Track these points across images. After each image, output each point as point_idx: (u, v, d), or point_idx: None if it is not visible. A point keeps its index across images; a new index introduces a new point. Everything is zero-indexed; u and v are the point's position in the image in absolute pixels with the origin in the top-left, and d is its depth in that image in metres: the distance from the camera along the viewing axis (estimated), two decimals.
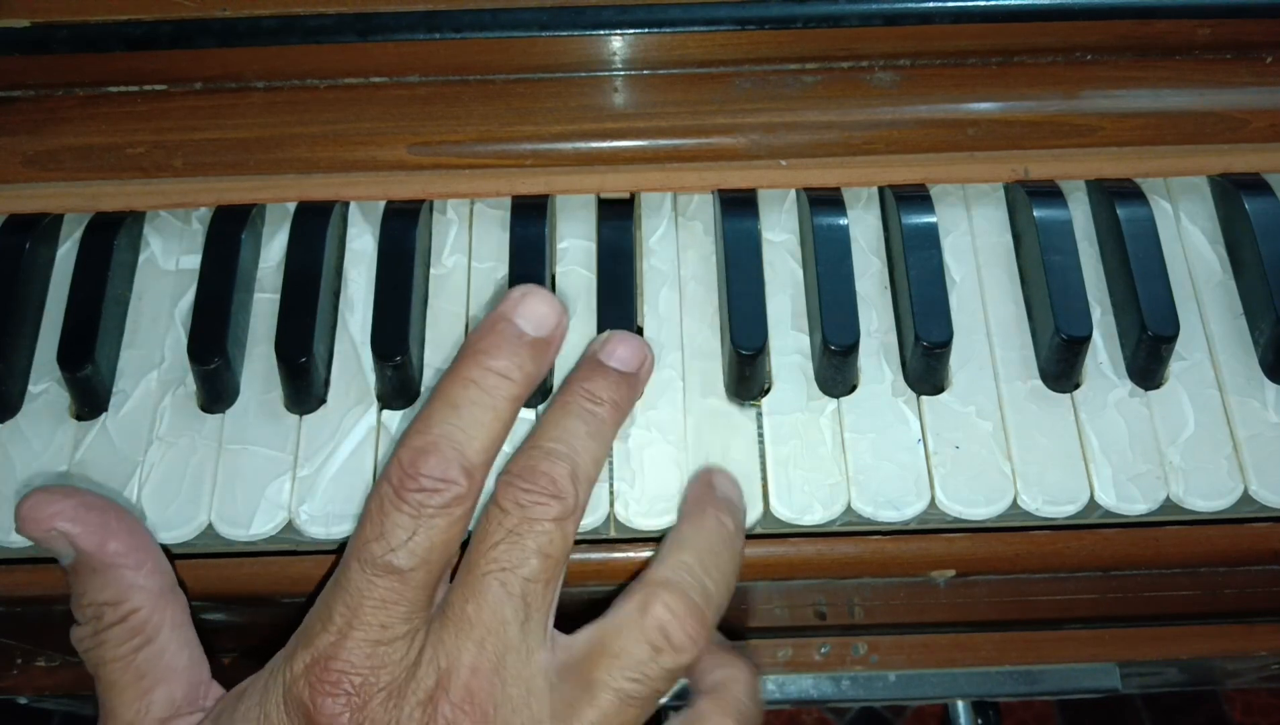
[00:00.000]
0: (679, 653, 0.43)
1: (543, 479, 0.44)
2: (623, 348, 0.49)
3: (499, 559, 0.43)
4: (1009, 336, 0.54)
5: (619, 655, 0.43)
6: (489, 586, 0.43)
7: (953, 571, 0.52)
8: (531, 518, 0.43)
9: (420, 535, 0.42)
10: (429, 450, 0.43)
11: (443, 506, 0.42)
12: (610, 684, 0.42)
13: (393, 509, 0.42)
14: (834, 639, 0.67)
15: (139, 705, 0.45)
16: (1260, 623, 0.65)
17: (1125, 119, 0.57)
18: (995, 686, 0.68)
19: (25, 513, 0.45)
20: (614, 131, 0.57)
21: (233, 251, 0.55)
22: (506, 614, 0.42)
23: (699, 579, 0.45)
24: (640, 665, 0.43)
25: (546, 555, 0.43)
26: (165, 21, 0.56)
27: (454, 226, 0.57)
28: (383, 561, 0.42)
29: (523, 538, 0.43)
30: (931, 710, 1.44)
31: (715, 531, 0.47)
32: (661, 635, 0.43)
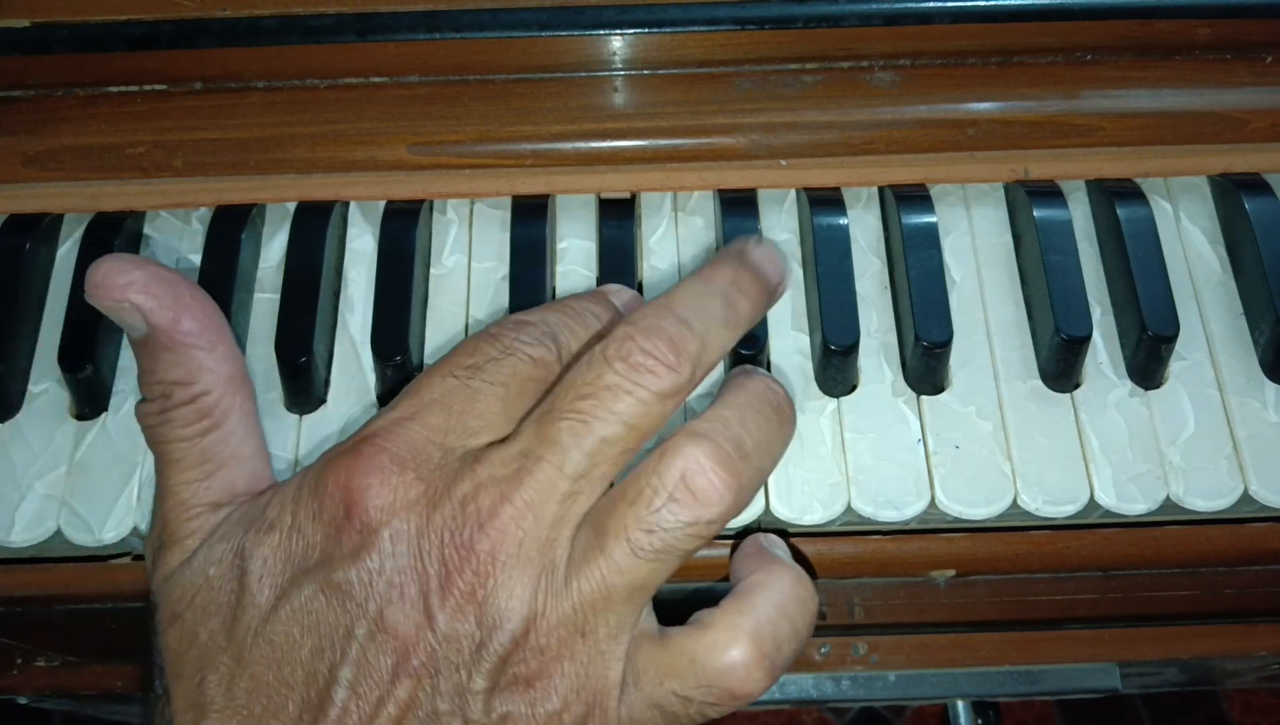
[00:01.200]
0: (701, 504, 0.39)
1: (665, 345, 0.40)
2: (771, 262, 0.45)
3: (582, 410, 0.40)
4: (1009, 336, 0.54)
5: (633, 502, 0.39)
6: (559, 434, 0.40)
7: (953, 571, 0.52)
8: (637, 382, 0.40)
9: (505, 365, 0.42)
10: (529, 321, 0.44)
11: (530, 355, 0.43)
12: (621, 533, 0.39)
13: (485, 341, 0.44)
14: (834, 639, 0.67)
15: (197, 487, 0.43)
16: (1260, 623, 0.65)
17: (1125, 119, 0.57)
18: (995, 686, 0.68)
19: (98, 280, 0.43)
20: (614, 131, 0.57)
21: (233, 251, 0.55)
22: (565, 466, 0.40)
23: (734, 431, 0.41)
24: (655, 515, 0.39)
25: (633, 427, 0.40)
26: (165, 21, 0.56)
27: (454, 226, 0.58)
28: (463, 373, 0.42)
29: (617, 397, 0.40)
30: (931, 710, 1.44)
31: (760, 392, 0.43)
32: (680, 482, 0.39)
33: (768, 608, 0.41)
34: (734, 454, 0.40)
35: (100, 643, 0.64)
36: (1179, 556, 0.52)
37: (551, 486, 0.40)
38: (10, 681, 0.70)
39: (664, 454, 0.40)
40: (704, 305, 0.42)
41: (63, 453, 0.52)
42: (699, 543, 0.40)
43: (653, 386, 0.40)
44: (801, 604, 0.42)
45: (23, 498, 0.51)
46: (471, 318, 0.55)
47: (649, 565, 0.40)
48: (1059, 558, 0.52)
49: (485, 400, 0.42)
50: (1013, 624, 0.65)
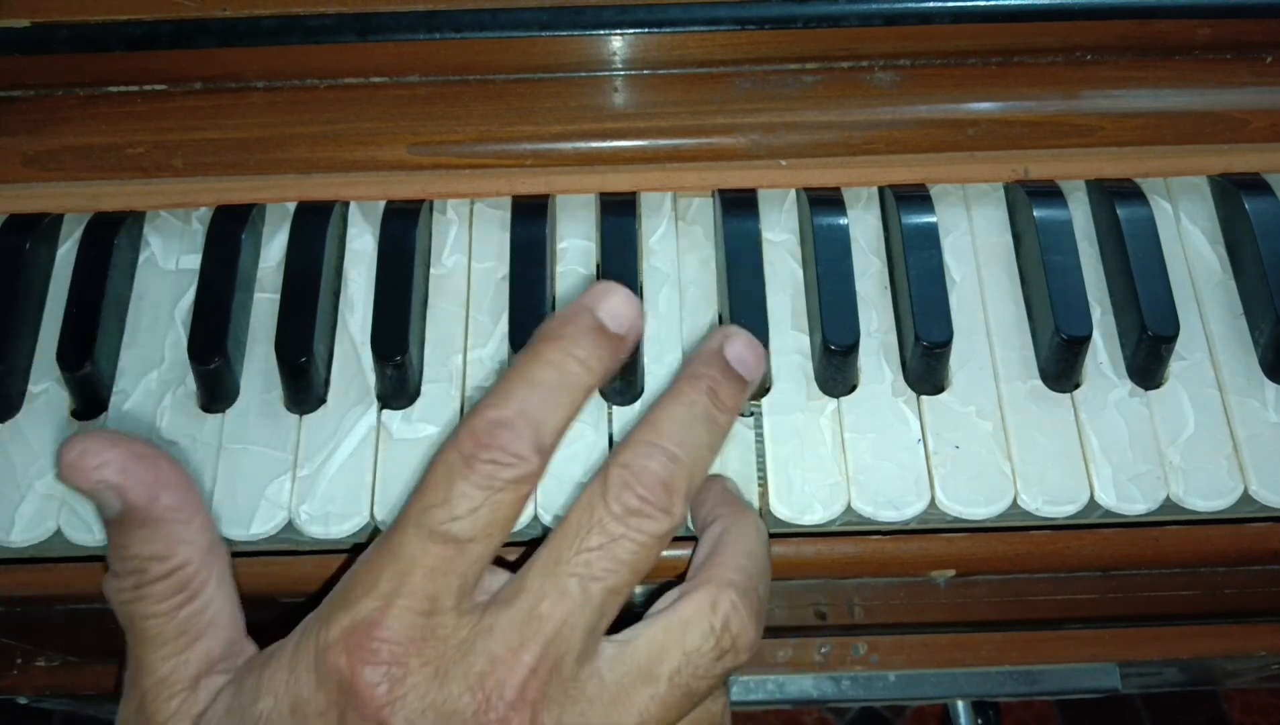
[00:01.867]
0: (739, 655, 0.42)
1: (659, 489, 0.41)
2: (749, 353, 0.45)
3: (590, 564, 0.40)
4: (1009, 336, 0.54)
5: (688, 653, 0.41)
6: (569, 589, 0.40)
7: (953, 571, 0.52)
8: (638, 529, 0.41)
9: (486, 508, 0.40)
10: (506, 423, 0.41)
11: (512, 481, 0.40)
12: (676, 679, 0.41)
13: (460, 478, 0.40)
14: (834, 639, 0.67)
15: (176, 662, 0.42)
16: (1260, 623, 0.65)
17: (1125, 119, 0.57)
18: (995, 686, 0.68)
19: (70, 461, 0.41)
20: (614, 131, 0.57)
21: (233, 251, 0.55)
22: (579, 620, 0.40)
23: (754, 582, 0.43)
24: (707, 664, 0.41)
25: (635, 571, 0.41)
26: (165, 21, 0.56)
27: (454, 226, 0.57)
28: (442, 529, 0.40)
29: (620, 547, 0.40)
30: (931, 710, 1.43)
31: (755, 530, 0.45)
32: (730, 638, 0.42)
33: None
34: (760, 608, 0.43)
35: (100, 643, 0.64)
36: (1179, 556, 0.52)
37: (569, 643, 0.40)
38: (10, 681, 0.70)
39: (715, 610, 0.42)
40: (690, 434, 0.43)
41: None
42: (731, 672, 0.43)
43: (651, 530, 0.41)
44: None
45: (23, 498, 0.51)
46: (471, 318, 0.55)
47: (689, 704, 0.42)
48: (1059, 558, 0.52)
49: (469, 554, 0.40)
50: (1013, 624, 0.65)
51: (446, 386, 0.53)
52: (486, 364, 0.54)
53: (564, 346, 0.43)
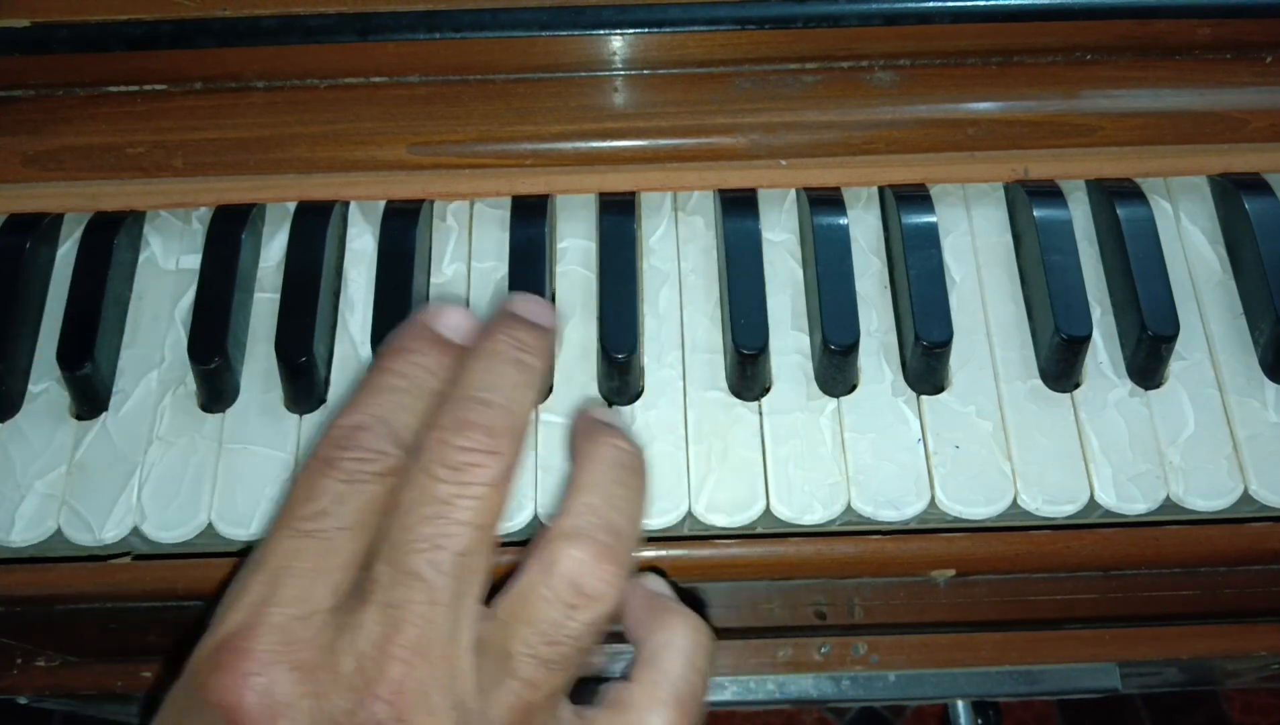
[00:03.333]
0: (596, 601, 0.39)
1: (479, 433, 0.40)
2: (535, 305, 0.45)
3: (429, 536, 0.39)
4: (1009, 336, 0.54)
5: (532, 621, 0.39)
6: (418, 568, 0.39)
7: (953, 571, 0.52)
8: (466, 482, 0.39)
9: (352, 501, 0.39)
10: (361, 426, 0.41)
11: (377, 473, 0.40)
12: (527, 653, 0.39)
13: (322, 477, 0.40)
14: (834, 639, 0.67)
15: None
16: (1260, 623, 0.65)
17: (1125, 119, 0.57)
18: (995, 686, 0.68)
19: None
20: (614, 131, 0.57)
21: (233, 251, 0.55)
22: (436, 597, 0.39)
23: (604, 518, 0.41)
24: (557, 627, 0.39)
25: (482, 526, 0.39)
26: (165, 21, 0.56)
27: (454, 234, 0.57)
28: (309, 525, 0.39)
29: (455, 508, 0.39)
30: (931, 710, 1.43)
31: (612, 459, 0.43)
32: (573, 590, 0.39)
33: (680, 669, 0.42)
34: (613, 542, 0.40)
35: (100, 643, 0.64)
36: (1179, 556, 0.52)
37: (431, 623, 0.38)
38: (10, 681, 0.70)
39: (548, 564, 0.39)
40: (497, 375, 0.42)
41: (63, 452, 0.52)
42: (600, 631, 0.40)
43: (484, 479, 0.39)
44: (704, 650, 0.43)
45: (23, 497, 0.51)
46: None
47: (560, 673, 0.40)
48: (1059, 558, 0.52)
49: (341, 548, 0.39)
50: (1013, 624, 0.65)
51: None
52: None
53: (406, 355, 0.43)
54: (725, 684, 0.66)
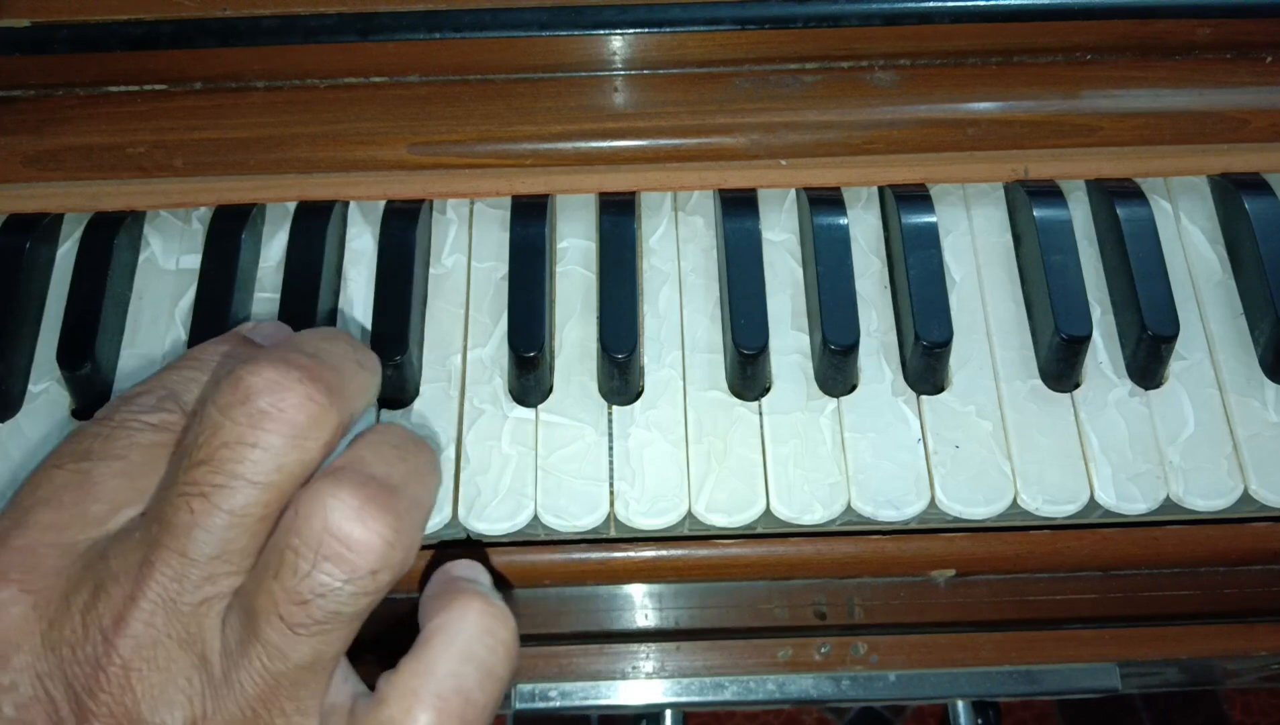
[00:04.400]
0: (357, 553, 0.33)
1: (297, 372, 0.34)
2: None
3: (198, 480, 0.34)
4: (1009, 336, 0.54)
5: (277, 573, 0.33)
6: (175, 516, 0.34)
7: (953, 571, 0.52)
8: (264, 427, 0.34)
9: (118, 439, 0.37)
10: (142, 392, 0.39)
11: (149, 424, 0.37)
12: (271, 611, 0.33)
13: (95, 425, 0.38)
14: (834, 639, 0.67)
15: None
16: (1260, 623, 0.65)
17: (1125, 119, 0.57)
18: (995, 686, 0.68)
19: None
20: (614, 131, 0.57)
21: (233, 251, 0.55)
22: (191, 550, 0.34)
23: (375, 468, 0.35)
24: (306, 582, 0.33)
25: (270, 485, 0.34)
26: (165, 21, 0.56)
27: (454, 226, 0.57)
28: (71, 463, 0.37)
29: (240, 455, 0.33)
30: (931, 710, 1.43)
31: (390, 429, 0.38)
32: (326, 535, 0.33)
33: (448, 660, 0.35)
34: (380, 490, 0.34)
35: None
36: (1179, 556, 0.52)
37: (181, 576, 0.34)
38: None
39: (299, 506, 0.33)
40: (332, 343, 0.37)
41: None
42: (370, 599, 0.34)
43: (285, 429, 0.33)
44: (490, 637, 0.36)
45: None
46: (471, 318, 0.55)
47: (315, 639, 0.34)
48: (1059, 558, 0.52)
49: (103, 481, 0.36)
50: (1013, 624, 0.65)
51: (445, 386, 0.53)
52: (486, 364, 0.54)
53: (208, 345, 0.41)
54: (725, 684, 0.66)
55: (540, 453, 0.52)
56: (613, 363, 0.52)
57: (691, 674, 0.64)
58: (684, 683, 0.64)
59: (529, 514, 0.50)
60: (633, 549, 0.51)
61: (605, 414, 0.53)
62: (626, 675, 0.63)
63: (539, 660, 0.63)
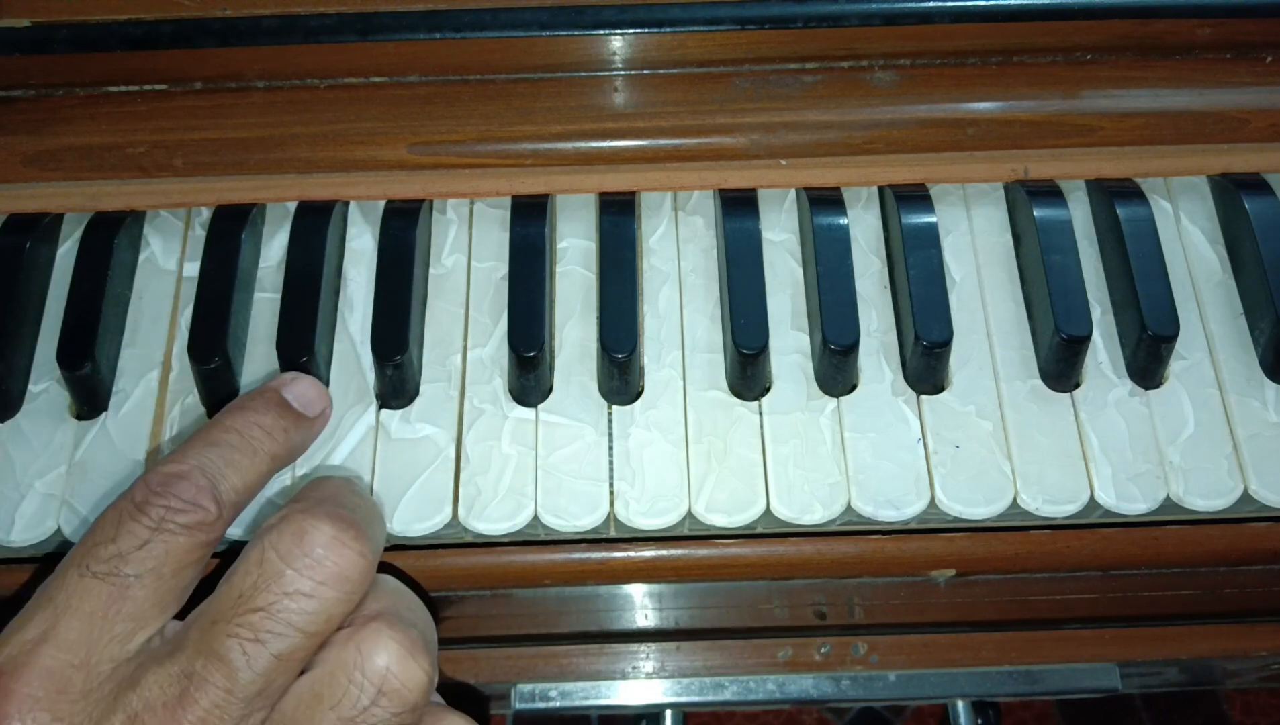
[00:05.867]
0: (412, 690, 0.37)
1: (359, 533, 0.38)
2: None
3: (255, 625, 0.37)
4: (1009, 336, 0.54)
5: (336, 704, 0.37)
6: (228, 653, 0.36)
7: (953, 571, 0.52)
8: (322, 580, 0.37)
9: (156, 546, 0.37)
10: (181, 475, 0.39)
11: (186, 525, 0.38)
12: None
13: (130, 519, 0.38)
14: (834, 639, 0.67)
15: None
16: (1260, 623, 0.65)
17: (1125, 119, 0.57)
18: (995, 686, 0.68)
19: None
20: (614, 131, 0.57)
21: (233, 251, 0.55)
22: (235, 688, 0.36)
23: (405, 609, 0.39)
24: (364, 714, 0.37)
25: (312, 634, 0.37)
26: (165, 21, 0.56)
27: (454, 226, 0.58)
28: (106, 566, 0.37)
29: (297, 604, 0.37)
30: (931, 710, 1.43)
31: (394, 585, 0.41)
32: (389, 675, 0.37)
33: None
34: (417, 634, 0.38)
35: None
36: (1179, 556, 0.52)
37: (222, 711, 0.36)
38: None
39: (362, 645, 0.37)
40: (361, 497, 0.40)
41: (63, 452, 0.52)
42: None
43: (341, 585, 0.37)
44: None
45: (23, 497, 0.51)
46: (471, 318, 0.55)
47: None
48: (1059, 558, 0.52)
49: (135, 596, 0.37)
50: (1013, 624, 0.65)
51: (445, 386, 0.53)
52: (486, 364, 0.54)
53: (248, 415, 0.42)
54: (725, 684, 0.66)
55: (540, 453, 0.52)
56: (613, 363, 0.52)
57: (691, 674, 0.64)
58: (684, 683, 0.64)
59: (529, 514, 0.50)
60: (633, 549, 0.51)
61: (605, 414, 0.53)
62: (626, 675, 0.63)
63: (539, 660, 0.63)
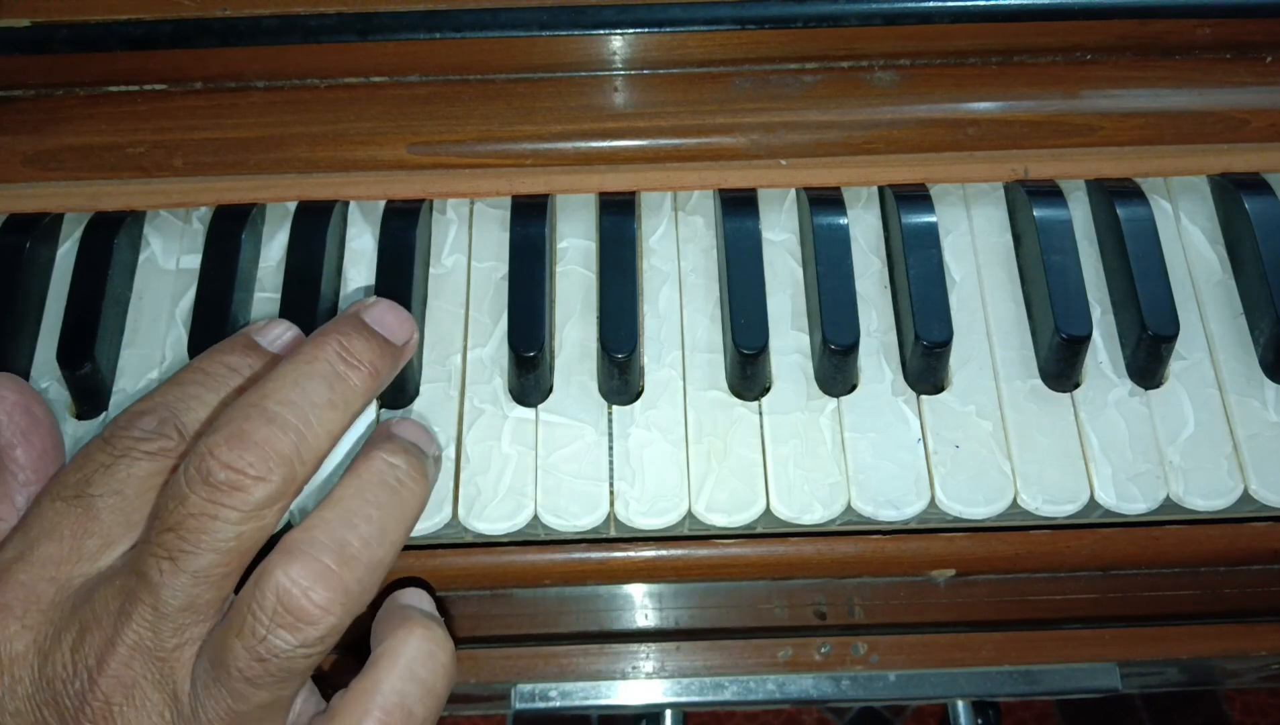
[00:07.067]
0: (305, 623, 0.37)
1: (251, 453, 0.37)
2: (391, 315, 0.43)
3: (168, 544, 0.37)
4: (1009, 336, 0.54)
5: (240, 632, 0.37)
6: (149, 572, 0.38)
7: (953, 571, 0.52)
8: (222, 503, 0.37)
9: (117, 472, 0.39)
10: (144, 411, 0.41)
11: (148, 452, 0.40)
12: (233, 664, 0.37)
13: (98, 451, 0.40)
14: (834, 639, 0.67)
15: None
16: (1260, 623, 0.65)
17: (1125, 119, 0.57)
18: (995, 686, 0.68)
19: None
20: (614, 131, 0.57)
21: (233, 251, 0.55)
22: (160, 604, 0.38)
23: (335, 535, 0.38)
24: (262, 644, 0.37)
25: (230, 550, 0.38)
26: (165, 21, 0.56)
27: (454, 226, 0.58)
28: (73, 490, 0.39)
29: (203, 526, 0.37)
30: (931, 710, 1.44)
31: (373, 474, 0.40)
32: (277, 606, 0.37)
33: (393, 679, 0.40)
34: (334, 563, 0.38)
35: None
36: (1179, 556, 0.52)
37: (154, 625, 0.38)
38: None
39: (259, 578, 0.37)
40: (302, 391, 0.39)
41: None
42: (319, 655, 0.38)
43: (241, 505, 0.37)
44: (431, 659, 0.41)
45: None
46: (471, 318, 0.55)
47: (271, 688, 0.38)
48: (1059, 558, 0.52)
49: (101, 516, 0.39)
50: (1013, 624, 0.65)
51: (445, 386, 0.53)
52: (486, 364, 0.54)
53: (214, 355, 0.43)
54: (725, 684, 0.66)
55: (540, 453, 0.52)
56: (613, 363, 0.52)
57: (691, 674, 0.64)
58: (684, 683, 0.64)
59: (529, 514, 0.50)
60: (633, 549, 0.51)
61: (605, 414, 0.53)
62: (626, 675, 0.63)
63: (539, 660, 0.63)
